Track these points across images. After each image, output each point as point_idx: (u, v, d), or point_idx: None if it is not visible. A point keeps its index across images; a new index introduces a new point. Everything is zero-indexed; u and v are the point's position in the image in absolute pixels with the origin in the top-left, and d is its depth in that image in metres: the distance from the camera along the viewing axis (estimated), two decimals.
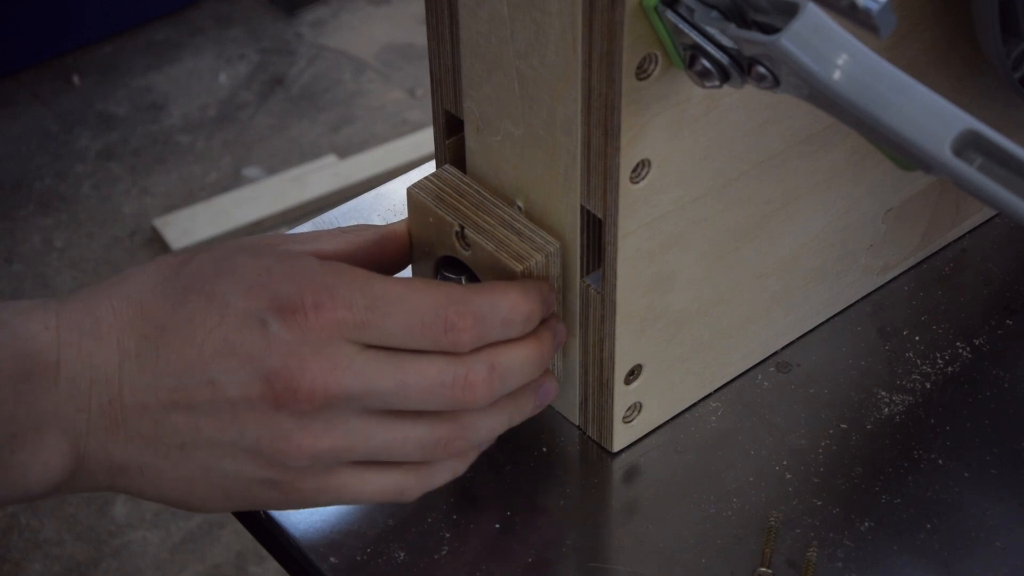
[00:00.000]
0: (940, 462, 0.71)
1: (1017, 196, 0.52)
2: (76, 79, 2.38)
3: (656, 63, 0.59)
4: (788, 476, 0.71)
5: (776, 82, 0.55)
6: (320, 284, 0.60)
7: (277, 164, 2.26)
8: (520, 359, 0.63)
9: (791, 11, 0.54)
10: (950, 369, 0.76)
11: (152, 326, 0.60)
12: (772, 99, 0.64)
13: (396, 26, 2.56)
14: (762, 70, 0.55)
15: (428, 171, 0.72)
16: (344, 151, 2.27)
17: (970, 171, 0.52)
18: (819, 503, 0.69)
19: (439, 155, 0.72)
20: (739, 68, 0.56)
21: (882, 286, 0.80)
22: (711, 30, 0.56)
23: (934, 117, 0.53)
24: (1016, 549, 0.67)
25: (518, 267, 0.65)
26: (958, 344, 0.77)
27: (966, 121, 0.53)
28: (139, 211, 2.17)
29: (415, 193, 0.69)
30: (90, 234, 2.11)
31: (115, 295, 0.61)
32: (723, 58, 0.56)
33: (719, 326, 0.72)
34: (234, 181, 2.23)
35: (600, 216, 0.64)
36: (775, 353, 0.77)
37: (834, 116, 0.55)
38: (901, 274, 0.81)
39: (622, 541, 0.68)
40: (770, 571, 0.66)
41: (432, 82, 0.70)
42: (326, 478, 0.61)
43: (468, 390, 0.61)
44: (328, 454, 0.60)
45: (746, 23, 0.56)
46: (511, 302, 0.62)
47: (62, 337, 0.59)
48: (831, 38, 0.54)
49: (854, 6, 0.51)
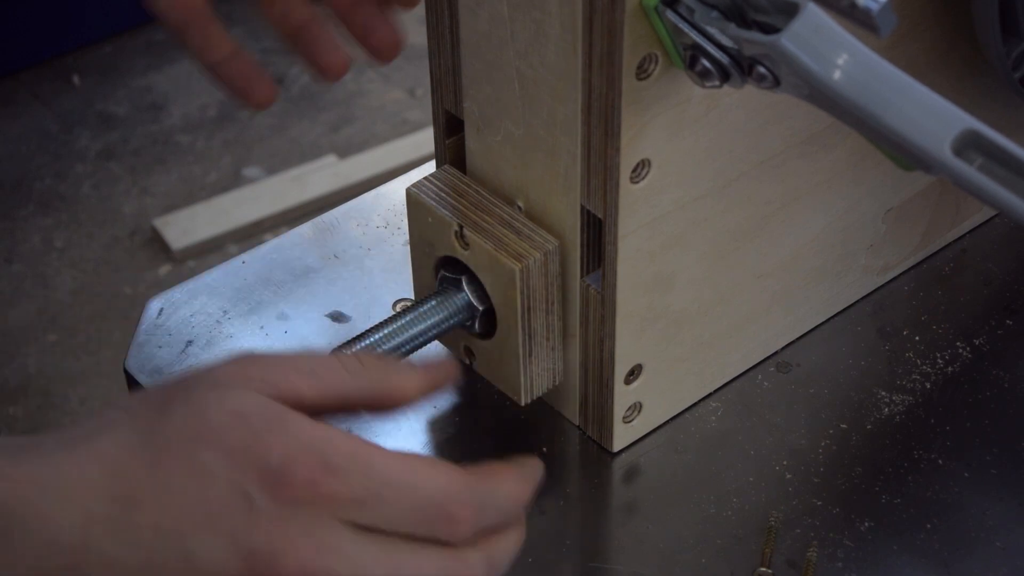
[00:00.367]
0: (940, 462, 0.71)
1: (1017, 196, 0.52)
2: (76, 79, 2.38)
3: (656, 63, 0.59)
4: (788, 476, 0.71)
5: (776, 82, 0.55)
6: (314, 456, 0.55)
7: (277, 164, 2.26)
8: (514, 543, 0.60)
9: (791, 11, 0.54)
10: (950, 369, 0.76)
11: (124, 488, 0.55)
12: (772, 99, 0.64)
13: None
14: (762, 70, 0.55)
15: (428, 171, 0.72)
16: (344, 151, 2.27)
17: (970, 171, 0.52)
18: (819, 503, 0.69)
19: (439, 155, 0.72)
20: (739, 68, 0.56)
21: (882, 286, 0.80)
22: (711, 30, 0.56)
23: (934, 117, 0.53)
24: (1016, 549, 0.67)
25: (516, 265, 0.65)
26: (958, 344, 0.77)
27: (966, 121, 0.53)
28: (139, 211, 2.17)
29: (415, 193, 0.69)
30: (90, 234, 2.11)
31: (83, 450, 0.56)
32: (723, 58, 0.56)
33: (719, 326, 0.72)
34: (234, 181, 2.23)
35: (600, 216, 0.64)
36: (775, 353, 0.77)
37: (834, 116, 0.55)
38: (901, 274, 0.81)
39: (622, 541, 0.68)
40: (770, 571, 0.66)
41: (432, 82, 0.70)
42: None
43: None
44: None
45: (746, 23, 0.56)
46: (509, 490, 0.59)
47: (19, 491, 0.54)
48: (831, 38, 0.53)
49: (854, 6, 0.51)
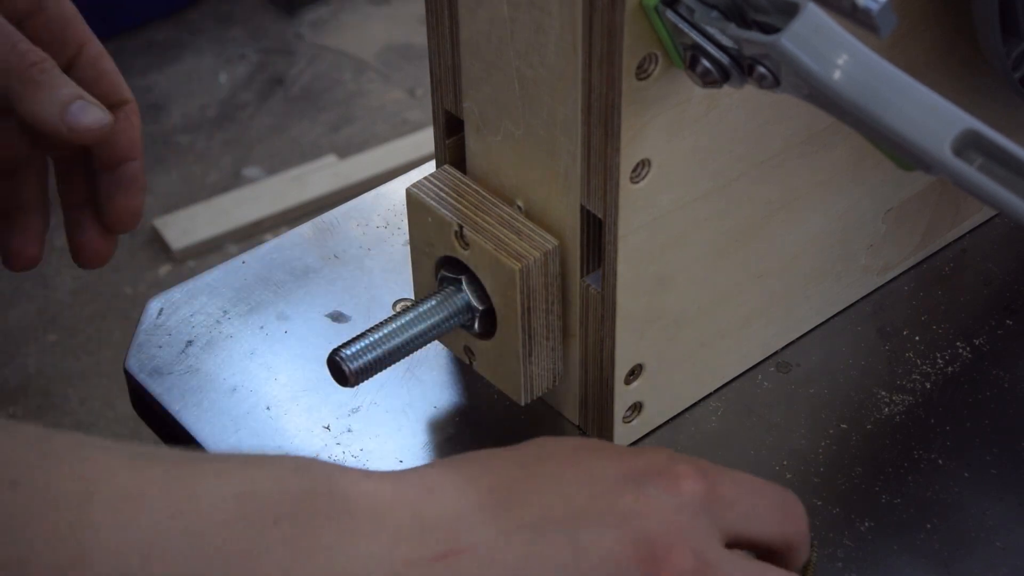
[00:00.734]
0: (940, 462, 0.71)
1: (1017, 196, 0.52)
2: None
3: (656, 63, 0.59)
4: (788, 476, 0.71)
5: (776, 82, 0.55)
6: (694, 464, 0.56)
7: (277, 164, 2.26)
8: None
9: (791, 11, 0.54)
10: (950, 369, 0.76)
11: (501, 482, 0.53)
12: (772, 99, 0.64)
13: (396, 26, 2.56)
14: (762, 70, 0.55)
15: (428, 171, 0.72)
16: (344, 151, 2.27)
17: (970, 171, 0.52)
18: (819, 503, 0.69)
19: (439, 155, 0.72)
20: (739, 68, 0.56)
21: (882, 286, 0.80)
22: (711, 30, 0.56)
23: (934, 117, 0.53)
24: (1016, 549, 0.67)
25: (516, 265, 0.65)
26: (958, 344, 0.77)
27: (966, 121, 0.53)
28: None
29: (415, 193, 0.69)
30: None
31: (441, 466, 0.55)
32: (723, 58, 0.56)
33: (719, 326, 0.72)
34: (234, 181, 2.23)
35: (600, 216, 0.64)
36: (775, 353, 0.77)
37: (834, 116, 0.55)
38: (901, 274, 0.81)
39: None
40: None
41: (432, 82, 0.70)
42: None
43: None
44: None
45: (746, 23, 0.56)
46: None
47: (390, 486, 0.52)
48: (831, 38, 0.53)
49: (854, 6, 0.51)
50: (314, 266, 0.82)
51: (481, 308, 0.68)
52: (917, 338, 0.77)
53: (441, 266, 0.70)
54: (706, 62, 0.57)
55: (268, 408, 0.74)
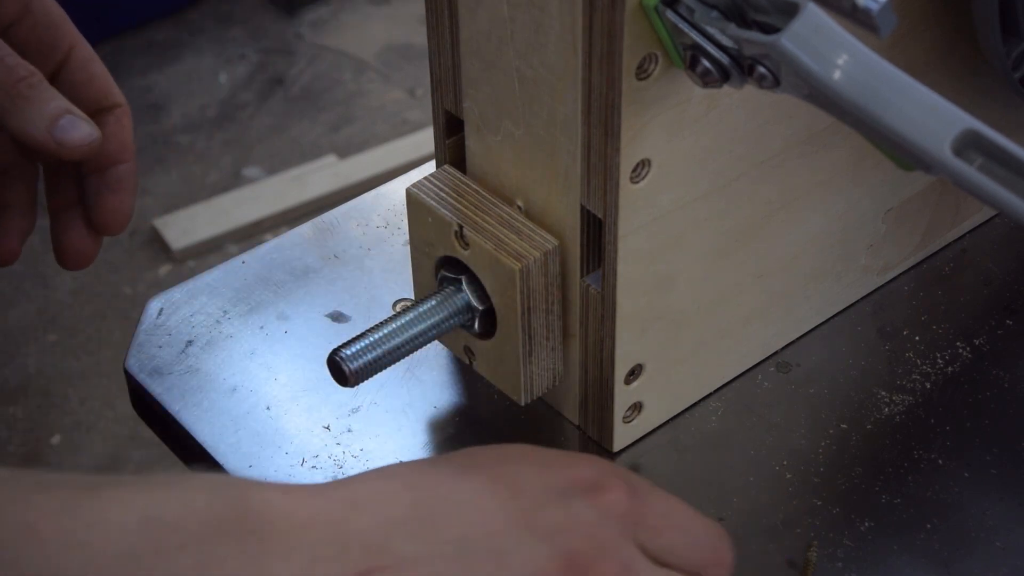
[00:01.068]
0: (940, 462, 0.71)
1: (1017, 196, 0.52)
2: None
3: (656, 63, 0.59)
4: (788, 476, 0.71)
5: (776, 82, 0.55)
6: (621, 477, 0.55)
7: (277, 164, 2.26)
8: None
9: (791, 11, 0.54)
10: (950, 369, 0.76)
11: (425, 497, 0.52)
12: (772, 99, 0.64)
13: (396, 26, 2.56)
14: (762, 70, 0.55)
15: (428, 171, 0.72)
16: (344, 151, 2.27)
17: (970, 171, 0.52)
18: (819, 503, 0.69)
19: (439, 155, 0.72)
20: (739, 68, 0.56)
21: (882, 286, 0.80)
22: (711, 30, 0.56)
23: (934, 117, 0.53)
24: (1016, 549, 0.67)
25: (516, 265, 0.65)
26: (958, 344, 0.77)
27: (966, 121, 0.53)
28: (139, 211, 2.17)
29: (415, 193, 0.69)
30: None
31: (366, 479, 0.53)
32: (723, 58, 0.56)
33: (719, 326, 0.72)
34: (234, 181, 2.23)
35: (600, 216, 0.64)
36: (775, 353, 0.77)
37: (834, 116, 0.55)
38: (901, 274, 0.81)
39: None
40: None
41: (432, 82, 0.70)
42: None
43: None
44: None
45: (746, 23, 0.56)
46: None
47: (308, 503, 0.50)
48: (831, 38, 0.53)
49: (854, 6, 0.51)
50: (314, 266, 0.82)
51: (481, 308, 0.69)
52: (917, 338, 0.77)
53: (441, 266, 0.70)
54: (706, 62, 0.57)
55: (268, 408, 0.74)
